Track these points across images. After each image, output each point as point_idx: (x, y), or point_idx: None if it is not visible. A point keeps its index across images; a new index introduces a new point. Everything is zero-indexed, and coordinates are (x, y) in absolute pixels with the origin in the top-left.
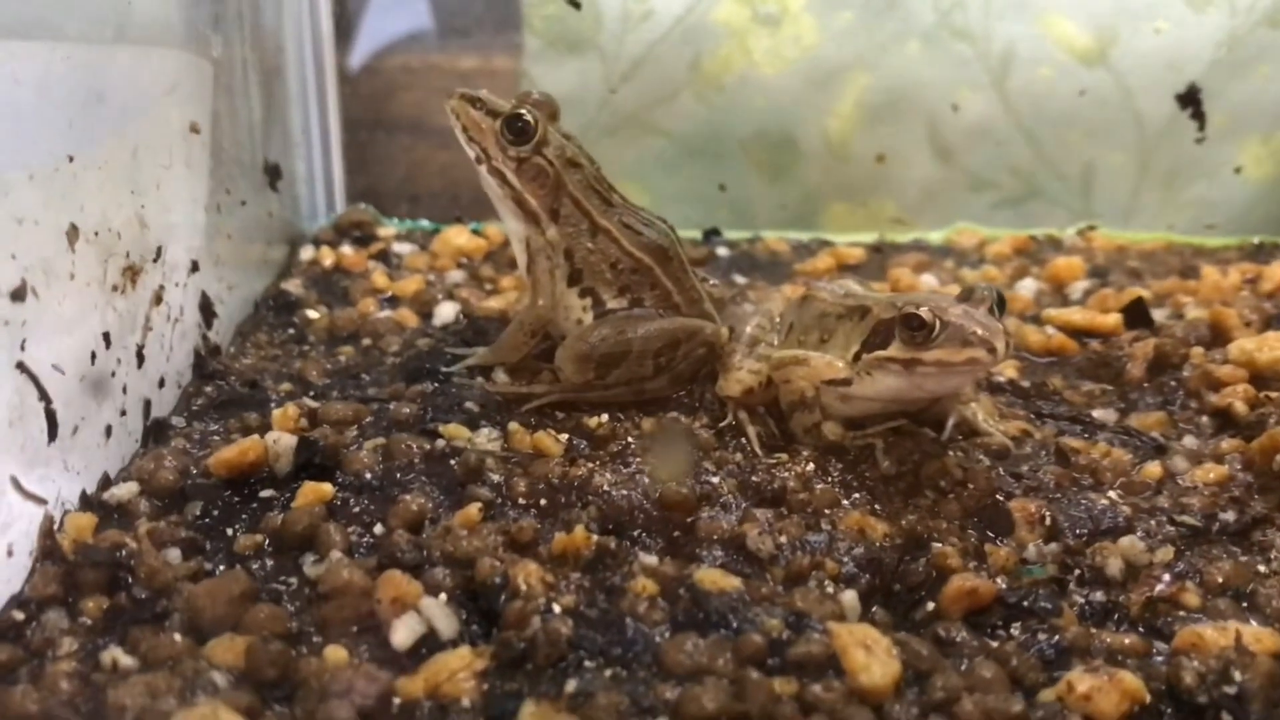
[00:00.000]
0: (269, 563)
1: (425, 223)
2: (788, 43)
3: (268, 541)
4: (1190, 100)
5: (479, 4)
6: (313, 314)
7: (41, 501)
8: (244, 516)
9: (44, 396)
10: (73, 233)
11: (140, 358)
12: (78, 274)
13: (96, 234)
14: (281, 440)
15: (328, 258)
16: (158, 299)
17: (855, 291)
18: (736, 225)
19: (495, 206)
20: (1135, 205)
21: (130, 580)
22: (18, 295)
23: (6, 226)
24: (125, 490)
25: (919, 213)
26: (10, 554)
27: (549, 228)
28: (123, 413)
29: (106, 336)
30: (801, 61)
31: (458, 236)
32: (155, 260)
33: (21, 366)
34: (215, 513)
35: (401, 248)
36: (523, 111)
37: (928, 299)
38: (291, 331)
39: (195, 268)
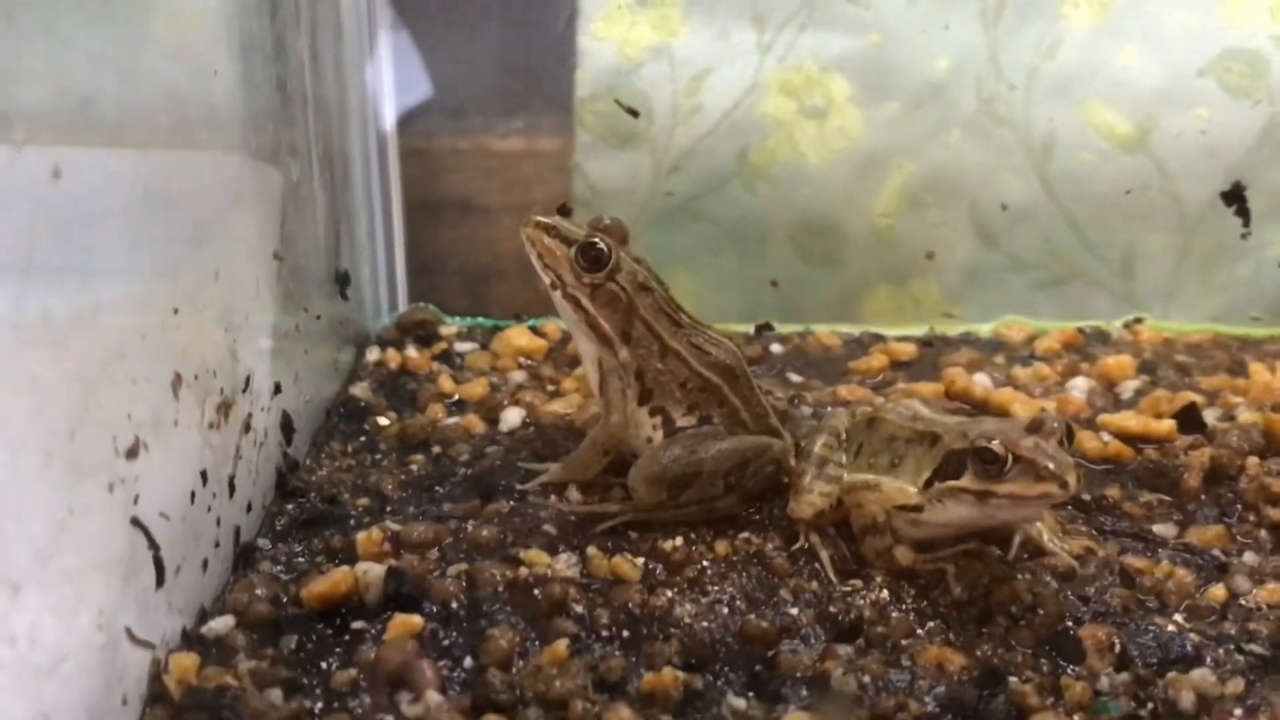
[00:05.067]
0: (366, 699)
1: (484, 320)
2: (834, 134)
3: (362, 677)
4: (1235, 198)
5: (524, 85)
6: (383, 420)
7: (150, 646)
8: (337, 649)
9: (153, 545)
10: (176, 381)
11: (232, 488)
12: (180, 420)
13: (196, 377)
14: (371, 571)
15: (394, 360)
16: (246, 427)
17: (923, 414)
18: (782, 311)
19: (569, 329)
20: (1176, 288)
21: None
22: (132, 453)
23: (124, 388)
24: (222, 624)
25: (962, 294)
26: (125, 702)
27: (621, 349)
28: (217, 544)
29: (204, 474)
30: (847, 151)
31: (519, 337)
32: (244, 390)
33: (135, 521)
34: (310, 646)
35: (463, 346)
36: (596, 240)
37: (998, 431)
38: (363, 439)
39: (278, 389)
